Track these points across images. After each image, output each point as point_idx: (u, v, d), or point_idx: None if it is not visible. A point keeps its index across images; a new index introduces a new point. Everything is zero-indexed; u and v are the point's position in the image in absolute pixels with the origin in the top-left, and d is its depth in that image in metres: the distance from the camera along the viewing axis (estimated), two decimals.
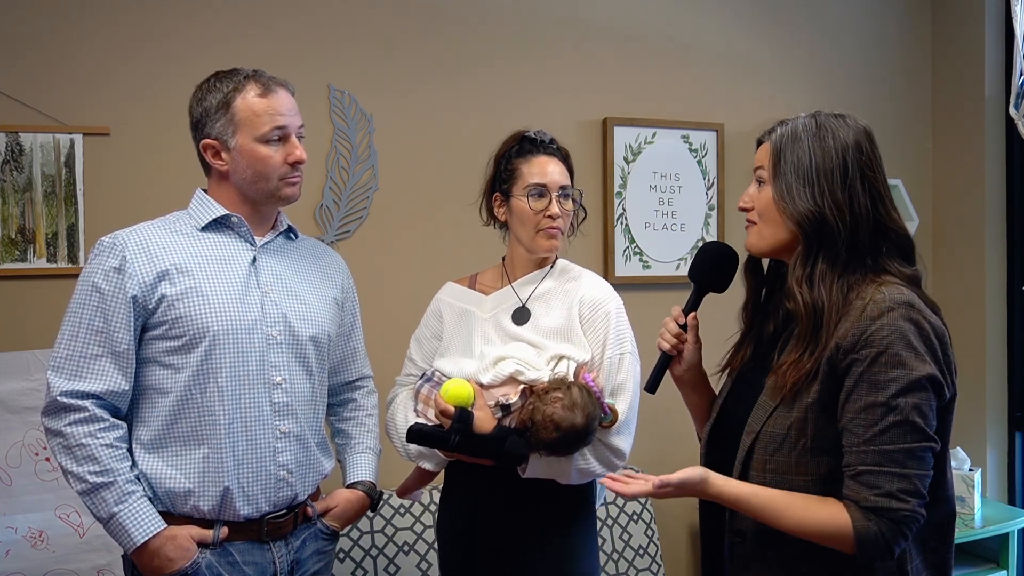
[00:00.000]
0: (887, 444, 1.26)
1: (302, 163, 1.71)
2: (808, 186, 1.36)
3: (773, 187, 1.40)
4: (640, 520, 2.82)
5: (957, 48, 3.33)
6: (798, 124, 1.41)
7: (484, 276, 1.98)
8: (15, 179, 2.33)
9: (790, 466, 1.35)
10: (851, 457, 1.29)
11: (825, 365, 1.32)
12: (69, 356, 1.59)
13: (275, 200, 1.73)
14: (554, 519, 1.80)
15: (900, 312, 1.28)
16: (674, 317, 1.58)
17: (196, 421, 1.62)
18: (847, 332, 1.30)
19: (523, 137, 1.88)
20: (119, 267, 1.60)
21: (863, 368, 1.28)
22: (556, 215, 1.80)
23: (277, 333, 1.69)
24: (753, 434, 1.39)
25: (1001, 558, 3.01)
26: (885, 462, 1.26)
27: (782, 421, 1.36)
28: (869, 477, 1.27)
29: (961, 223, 3.34)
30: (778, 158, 1.40)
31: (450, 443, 1.67)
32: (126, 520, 1.56)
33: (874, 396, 1.27)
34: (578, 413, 1.64)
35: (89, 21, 2.40)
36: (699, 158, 3.09)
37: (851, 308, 1.33)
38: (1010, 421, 3.27)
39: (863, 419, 1.28)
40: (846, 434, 1.30)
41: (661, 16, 3.04)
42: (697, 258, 1.64)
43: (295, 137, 1.70)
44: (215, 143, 1.68)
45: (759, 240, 1.45)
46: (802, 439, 1.34)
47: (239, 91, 1.66)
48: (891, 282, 1.34)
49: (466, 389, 1.71)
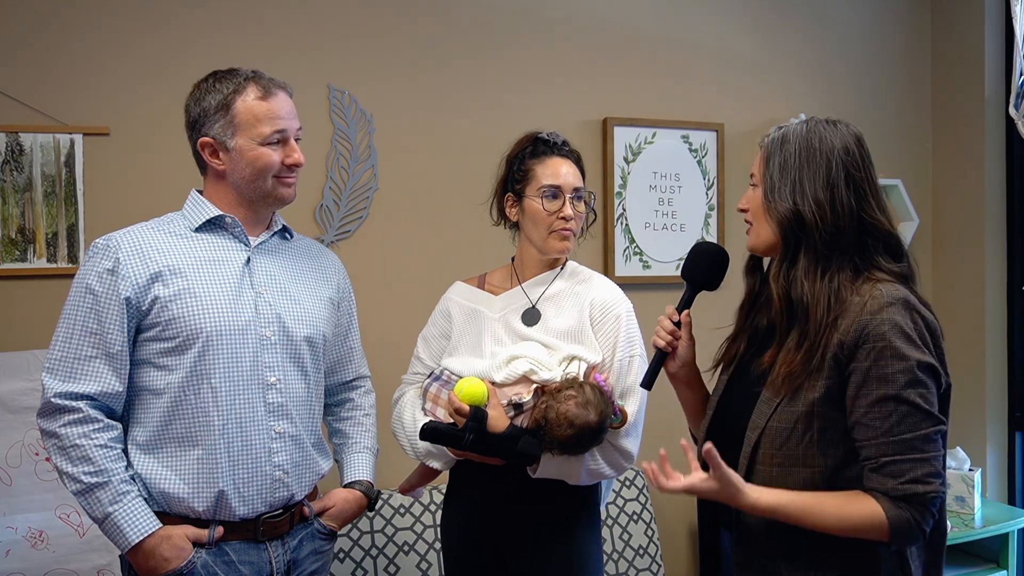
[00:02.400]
0: (904, 433, 1.32)
1: (300, 166, 1.73)
2: (788, 185, 1.43)
3: (761, 188, 1.47)
4: (640, 520, 2.82)
5: (957, 48, 3.33)
6: (789, 129, 1.47)
7: (493, 276, 1.98)
8: (15, 179, 2.33)
9: (796, 459, 1.39)
10: (871, 450, 1.34)
11: (831, 361, 1.37)
12: (63, 358, 1.60)
13: (271, 200, 1.74)
14: (559, 519, 1.81)
15: (897, 308, 1.34)
16: (668, 315, 1.62)
17: (190, 422, 1.62)
18: (848, 329, 1.35)
19: (536, 138, 1.89)
20: (112, 269, 1.61)
21: (869, 364, 1.33)
22: (570, 216, 1.82)
23: (271, 334, 1.69)
24: (758, 429, 1.43)
25: (1001, 558, 3.01)
26: (905, 450, 1.32)
27: (787, 416, 1.40)
28: (893, 467, 1.33)
29: (961, 223, 3.33)
30: (766, 161, 1.47)
31: (464, 442, 1.68)
32: (121, 520, 1.56)
33: (884, 389, 1.32)
34: (592, 411, 1.66)
35: (89, 21, 2.40)
36: (699, 158, 3.09)
37: (850, 305, 1.37)
38: (1010, 421, 3.27)
39: (877, 412, 1.33)
40: (860, 428, 1.35)
41: (661, 16, 3.04)
42: (688, 258, 1.67)
43: (293, 140, 1.72)
44: (212, 142, 1.68)
45: (755, 240, 1.52)
46: (808, 433, 1.38)
47: (239, 93, 1.67)
48: (885, 279, 1.40)
49: (481, 388, 1.72)
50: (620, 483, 2.83)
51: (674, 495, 1.40)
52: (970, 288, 3.28)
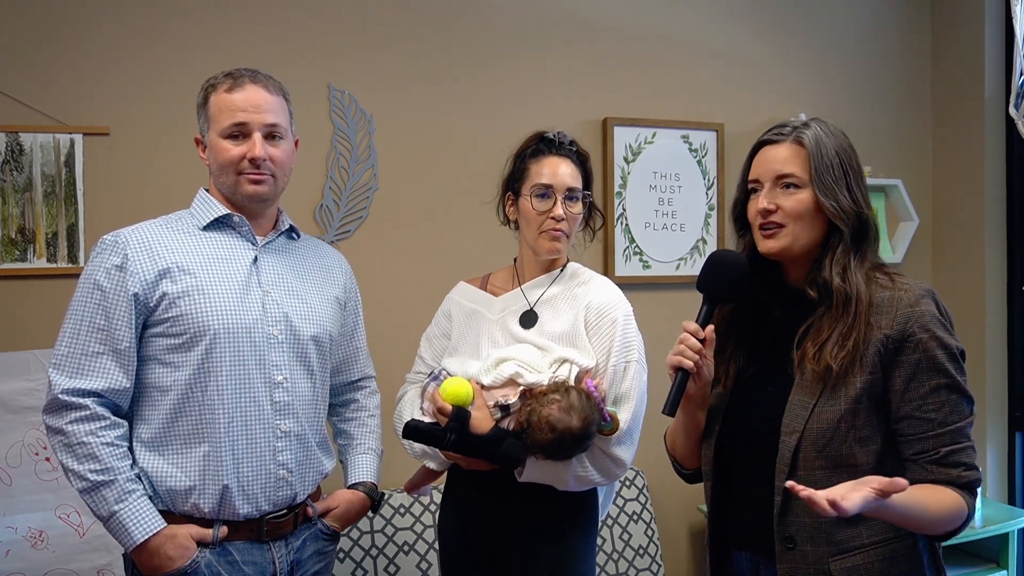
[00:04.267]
0: (958, 422, 1.38)
1: (260, 160, 1.66)
2: (843, 185, 1.46)
3: (815, 189, 1.45)
4: (640, 520, 2.82)
5: (957, 48, 3.33)
6: (817, 131, 1.48)
7: (496, 277, 1.96)
8: (15, 179, 2.33)
9: (841, 459, 1.39)
10: (928, 443, 1.38)
11: (875, 356, 1.39)
12: (70, 354, 1.59)
13: (240, 197, 1.70)
14: (550, 521, 1.79)
15: (928, 299, 1.41)
16: (692, 332, 1.49)
17: (196, 419, 1.62)
18: (891, 323, 1.39)
19: (541, 137, 1.85)
20: (121, 265, 1.61)
21: (919, 356, 1.38)
22: (559, 217, 1.77)
23: (278, 332, 1.69)
24: (796, 433, 1.40)
25: (1001, 558, 3.01)
26: (959, 438, 1.38)
27: (829, 415, 1.39)
28: (954, 457, 1.37)
29: (961, 223, 3.34)
30: (813, 162, 1.46)
31: (445, 441, 1.67)
32: (126, 518, 1.56)
33: (937, 378, 1.37)
34: (575, 416, 1.62)
35: (89, 21, 2.40)
36: (699, 158, 3.09)
37: (879, 299, 1.42)
38: (1010, 421, 3.27)
39: (933, 403, 1.37)
40: (912, 421, 1.38)
41: (661, 16, 3.04)
42: (707, 269, 1.54)
43: (258, 134, 1.66)
44: (199, 139, 1.72)
45: (792, 241, 1.47)
46: (852, 431, 1.39)
47: (215, 88, 1.68)
48: (894, 273, 1.47)
49: (464, 388, 1.70)
50: (620, 483, 2.82)
51: (674, 497, 1.39)
52: (970, 288, 3.28)
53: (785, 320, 1.51)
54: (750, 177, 1.53)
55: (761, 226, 1.49)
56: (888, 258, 3.32)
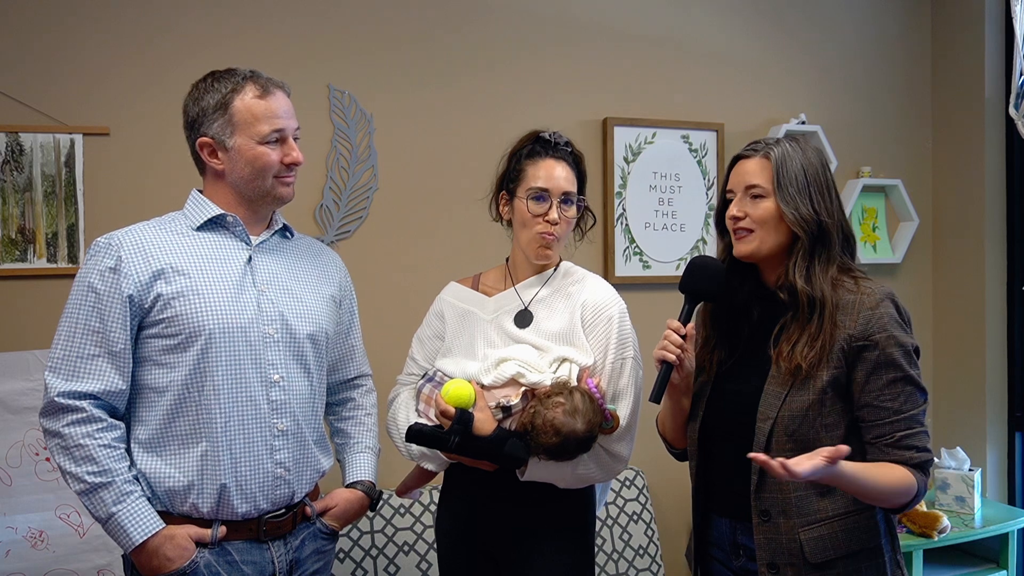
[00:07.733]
0: (911, 410, 1.55)
1: (298, 164, 1.73)
2: (806, 196, 1.62)
3: (777, 199, 1.62)
4: (640, 520, 2.82)
5: (957, 48, 3.33)
6: (784, 148, 1.64)
7: (487, 277, 1.96)
8: (15, 179, 2.33)
9: (809, 442, 1.55)
10: (885, 428, 1.55)
11: (839, 353, 1.55)
12: (66, 357, 1.59)
13: (270, 200, 1.74)
14: (548, 520, 1.80)
15: (888, 301, 1.57)
16: (674, 329, 1.66)
17: (193, 419, 1.62)
18: (854, 323, 1.55)
19: (537, 137, 1.85)
20: (115, 267, 1.61)
21: (878, 352, 1.54)
22: (554, 221, 1.78)
23: (274, 331, 1.69)
24: (770, 419, 1.58)
25: (1001, 558, 3.01)
26: (913, 424, 1.55)
27: (798, 404, 1.56)
28: (908, 440, 1.55)
29: (961, 223, 3.33)
30: (777, 175, 1.62)
31: (449, 444, 1.67)
32: (124, 520, 1.56)
33: (893, 373, 1.54)
34: (579, 419, 1.64)
35: (89, 21, 2.40)
36: (699, 158, 3.09)
37: (844, 302, 1.58)
38: (1010, 421, 3.27)
39: (889, 393, 1.54)
40: (871, 409, 1.56)
41: (661, 16, 3.04)
42: (688, 273, 1.71)
43: (291, 139, 1.72)
44: (211, 142, 1.69)
45: (759, 246, 1.64)
46: (818, 418, 1.57)
47: (237, 92, 1.67)
48: (860, 276, 1.63)
49: (467, 390, 1.71)
50: (620, 483, 2.83)
51: (674, 497, 1.43)
52: (970, 288, 3.28)
53: (762, 317, 1.69)
54: (727, 187, 1.70)
55: (734, 231, 1.67)
56: (888, 258, 3.33)
